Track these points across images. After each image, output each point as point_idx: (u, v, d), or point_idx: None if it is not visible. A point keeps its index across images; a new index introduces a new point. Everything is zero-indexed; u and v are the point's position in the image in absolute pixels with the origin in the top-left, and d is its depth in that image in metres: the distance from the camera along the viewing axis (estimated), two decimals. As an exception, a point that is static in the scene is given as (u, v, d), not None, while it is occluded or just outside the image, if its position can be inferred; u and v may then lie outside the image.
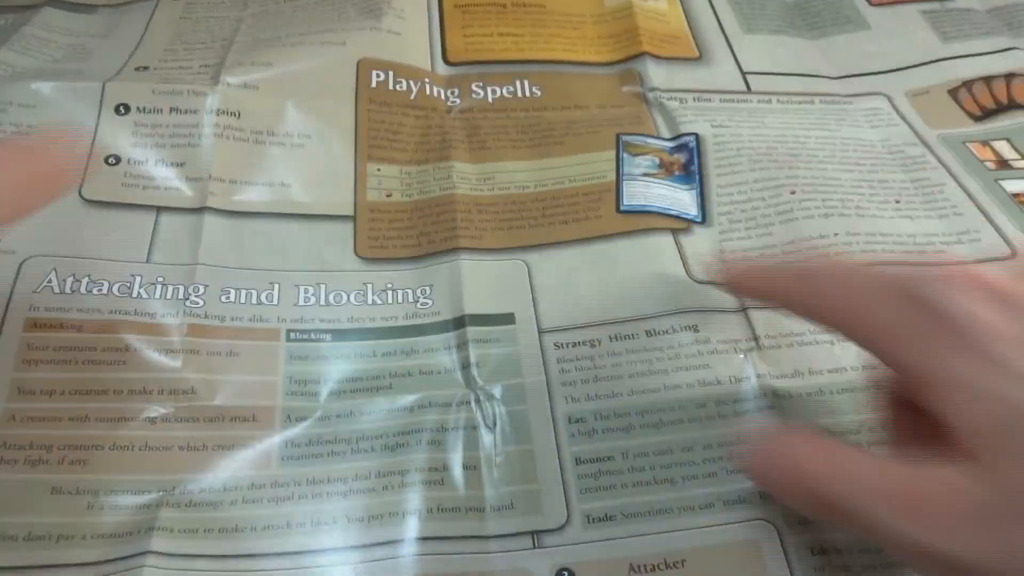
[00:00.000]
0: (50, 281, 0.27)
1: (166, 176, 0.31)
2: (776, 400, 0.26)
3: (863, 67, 0.39)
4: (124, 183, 0.30)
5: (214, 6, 0.40)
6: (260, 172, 0.32)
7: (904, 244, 0.31)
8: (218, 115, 0.32)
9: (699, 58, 0.39)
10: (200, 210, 0.30)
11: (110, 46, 0.38)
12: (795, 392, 0.26)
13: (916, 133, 0.36)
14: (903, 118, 0.37)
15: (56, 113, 0.32)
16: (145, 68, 0.35)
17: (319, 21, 0.38)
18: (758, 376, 0.27)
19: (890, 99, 0.38)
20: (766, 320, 0.28)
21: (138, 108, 0.32)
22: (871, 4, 0.42)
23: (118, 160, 0.31)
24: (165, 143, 0.32)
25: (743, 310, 0.28)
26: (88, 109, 0.32)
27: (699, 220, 0.32)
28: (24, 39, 0.37)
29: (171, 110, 0.32)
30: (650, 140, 0.35)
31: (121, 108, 0.32)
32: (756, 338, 0.28)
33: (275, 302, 0.28)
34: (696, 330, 0.28)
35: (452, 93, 0.36)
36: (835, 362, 0.27)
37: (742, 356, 0.27)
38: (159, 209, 0.30)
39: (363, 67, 0.36)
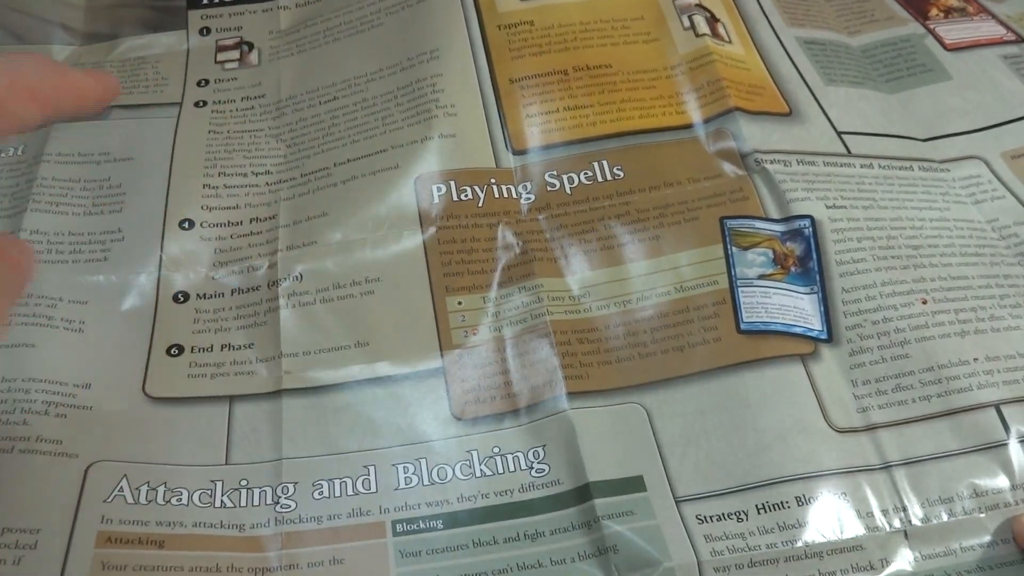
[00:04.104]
0: (122, 489, 0.24)
1: (235, 360, 0.28)
2: None
3: (951, 126, 0.36)
4: (190, 374, 0.27)
5: (243, 114, 0.35)
6: (333, 335, 0.28)
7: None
8: (281, 285, 0.29)
9: (790, 114, 0.34)
10: (276, 393, 0.27)
11: (140, 179, 0.33)
12: None
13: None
14: (1007, 187, 0.34)
15: (112, 305, 0.29)
16: (189, 224, 0.31)
17: (363, 131, 0.33)
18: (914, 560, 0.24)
19: (987, 163, 0.35)
20: (911, 478, 0.26)
21: (198, 295, 0.30)
22: (947, 49, 0.39)
23: (181, 350, 0.28)
24: (230, 326, 0.28)
25: (886, 467, 0.26)
26: (145, 303, 0.29)
27: (825, 337, 0.28)
28: (46, 189, 0.33)
29: (232, 292, 0.30)
30: (758, 224, 0.31)
31: (180, 296, 0.30)
32: (905, 508, 0.25)
33: (373, 489, 0.25)
34: (846, 497, 0.25)
35: (524, 188, 0.32)
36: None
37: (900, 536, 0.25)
38: (232, 399, 0.27)
39: (421, 185, 0.31)
